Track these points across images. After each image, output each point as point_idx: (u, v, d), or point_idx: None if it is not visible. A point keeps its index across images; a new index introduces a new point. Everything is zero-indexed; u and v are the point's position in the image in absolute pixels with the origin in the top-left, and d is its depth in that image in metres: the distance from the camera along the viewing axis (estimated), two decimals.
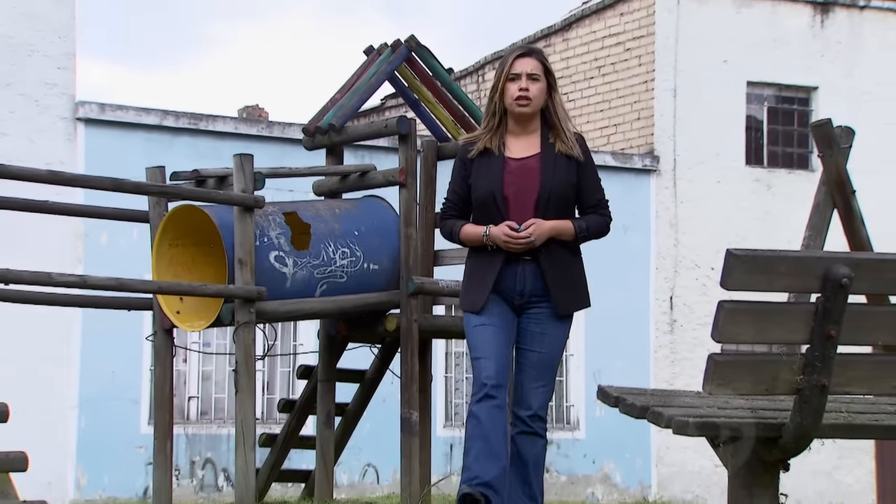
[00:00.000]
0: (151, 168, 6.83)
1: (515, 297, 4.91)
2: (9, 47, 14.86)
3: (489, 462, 4.72)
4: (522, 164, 4.93)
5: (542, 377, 4.92)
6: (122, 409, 15.14)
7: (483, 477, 4.69)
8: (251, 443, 6.42)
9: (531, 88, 4.91)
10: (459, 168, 5.03)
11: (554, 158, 4.94)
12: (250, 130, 16.17)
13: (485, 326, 4.87)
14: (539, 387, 4.91)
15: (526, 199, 4.89)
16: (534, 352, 4.92)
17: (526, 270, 4.90)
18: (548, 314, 4.93)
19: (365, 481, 15.78)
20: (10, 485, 5.41)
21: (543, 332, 4.92)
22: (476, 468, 4.72)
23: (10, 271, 5.95)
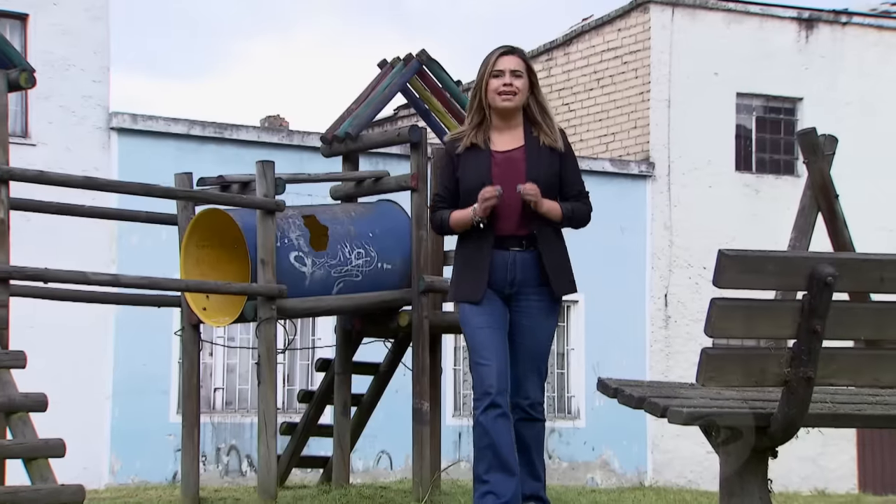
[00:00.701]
0: (179, 174, 6.83)
1: (506, 287, 4.82)
2: (48, 62, 14.89)
3: (504, 478, 4.68)
4: (508, 157, 4.85)
5: (536, 366, 4.86)
6: (153, 399, 15.16)
7: (501, 496, 4.66)
8: (273, 431, 6.42)
9: (514, 83, 4.82)
10: (447, 163, 4.95)
11: (538, 150, 4.86)
12: (272, 139, 16.19)
13: (482, 329, 4.80)
14: (534, 375, 4.86)
15: (514, 188, 4.78)
16: (525, 344, 4.84)
17: (517, 259, 4.82)
18: (538, 307, 4.85)
19: (379, 467, 15.79)
20: (48, 469, 5.41)
21: (534, 326, 4.84)
22: (492, 482, 4.67)
23: (48, 271, 5.95)
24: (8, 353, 5.61)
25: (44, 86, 14.57)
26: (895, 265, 3.31)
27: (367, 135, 7.34)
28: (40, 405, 5.51)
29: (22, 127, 15.11)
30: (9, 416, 5.49)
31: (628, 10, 18.77)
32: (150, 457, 14.91)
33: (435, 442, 6.74)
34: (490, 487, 4.67)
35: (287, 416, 12.29)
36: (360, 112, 7.21)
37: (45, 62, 14.82)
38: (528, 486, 4.80)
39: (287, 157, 14.61)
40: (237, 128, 16.05)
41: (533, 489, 4.82)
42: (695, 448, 17.31)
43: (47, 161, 14.13)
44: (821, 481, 16.37)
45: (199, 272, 6.60)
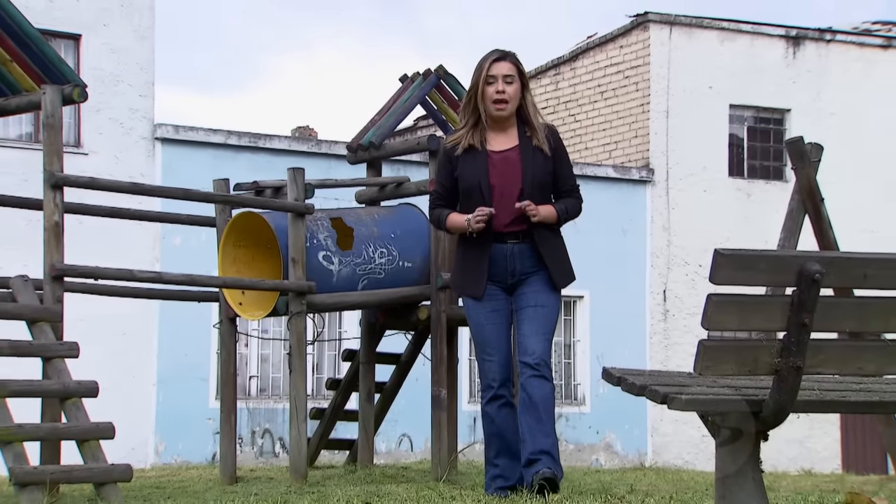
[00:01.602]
0: (218, 180, 6.83)
1: (508, 278, 4.78)
2: (98, 78, 14.95)
3: (511, 462, 4.74)
4: (504, 157, 4.80)
5: (542, 327, 4.74)
6: (194, 386, 15.20)
7: (510, 479, 4.73)
8: (303, 416, 6.42)
9: (507, 91, 4.77)
10: (445, 164, 4.89)
11: (532, 150, 4.80)
12: (302, 147, 16.21)
13: (486, 326, 4.78)
14: (539, 334, 4.72)
15: (511, 187, 4.75)
16: (530, 307, 4.75)
17: (514, 251, 4.77)
18: (539, 280, 4.78)
19: (400, 449, 15.79)
20: (99, 450, 5.43)
21: (537, 292, 4.77)
22: (501, 466, 4.76)
23: (99, 269, 5.97)
24: (62, 343, 5.63)
25: (95, 100, 14.64)
26: (878, 263, 3.30)
27: (389, 144, 7.34)
28: (92, 391, 5.53)
29: (75, 137, 15.17)
30: (63, 401, 5.51)
31: (629, 28, 18.75)
32: (192, 439, 14.95)
33: (452, 426, 6.72)
34: (499, 471, 4.74)
35: (316, 402, 12.31)
36: (383, 123, 7.20)
37: (95, 78, 14.87)
38: (540, 441, 4.60)
39: (316, 164, 14.62)
40: (270, 137, 16.07)
41: (545, 445, 4.61)
42: (691, 432, 17.28)
43: (98, 169, 14.18)
44: (807, 462, 16.31)
45: (236, 270, 6.61)
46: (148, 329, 15.10)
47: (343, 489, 5.51)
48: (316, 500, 4.78)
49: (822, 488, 6.15)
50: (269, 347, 15.65)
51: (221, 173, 7.66)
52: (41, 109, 5.84)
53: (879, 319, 3.37)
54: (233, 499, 4.99)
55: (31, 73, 6.06)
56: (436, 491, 5.19)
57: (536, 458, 4.60)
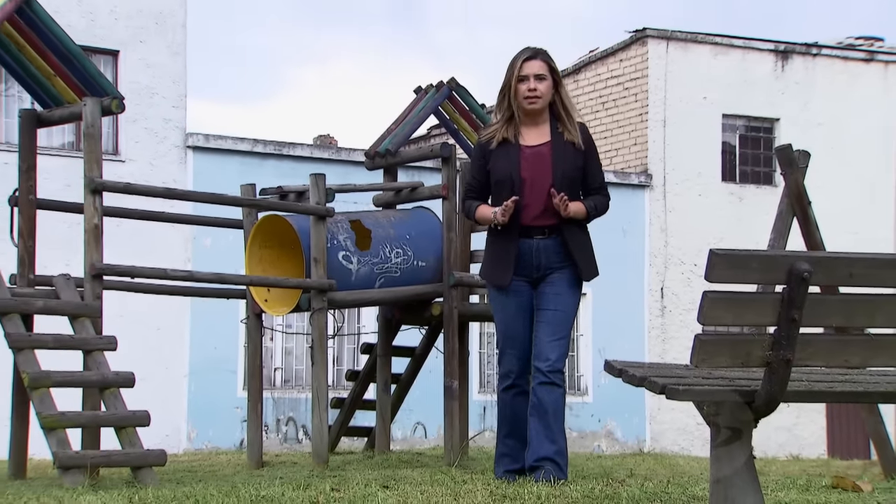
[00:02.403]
0: (245, 185, 6.84)
1: (533, 272, 4.68)
2: (134, 91, 14.99)
3: (519, 445, 4.68)
4: (536, 151, 4.68)
5: (558, 332, 4.66)
6: (223, 377, 15.23)
7: (517, 461, 4.68)
8: (324, 405, 6.42)
9: (539, 87, 4.64)
10: (478, 157, 4.78)
11: (563, 145, 4.68)
12: (323, 154, 16.23)
13: (509, 318, 4.68)
14: (555, 340, 4.65)
15: (542, 181, 4.63)
16: (550, 310, 4.66)
17: (541, 246, 4.66)
18: (562, 279, 4.68)
19: (415, 436, 15.79)
20: (136, 437, 5.44)
21: (558, 294, 4.67)
22: (510, 446, 4.71)
23: (135, 268, 5.98)
24: (101, 338, 5.64)
25: (131, 111, 14.68)
26: (862, 262, 3.29)
27: (404, 151, 7.34)
28: (129, 382, 5.54)
29: (113, 146, 15.22)
30: (102, 391, 5.52)
31: (629, 43, 18.73)
32: (221, 426, 14.97)
33: (463, 414, 6.72)
34: (508, 451, 4.71)
35: (336, 392, 12.31)
36: (399, 131, 7.20)
37: (132, 91, 14.90)
38: (544, 449, 4.59)
39: (336, 170, 14.64)
40: (293, 145, 16.09)
41: (549, 452, 4.59)
42: (687, 420, 17.25)
43: (134, 175, 14.22)
44: (795, 448, 16.26)
45: (262, 269, 6.61)
46: (180, 324, 15.13)
47: (362, 473, 5.51)
48: (337, 483, 4.77)
49: (809, 472, 6.13)
50: (292, 341, 15.66)
51: (248, 179, 7.67)
52: (82, 120, 5.85)
53: (864, 315, 3.36)
54: (259, 482, 4.99)
55: (73, 86, 6.08)
56: (448, 475, 5.19)
57: (539, 465, 4.59)
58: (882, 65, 19.88)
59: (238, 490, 4.46)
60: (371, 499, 4.12)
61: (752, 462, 3.42)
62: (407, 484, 4.70)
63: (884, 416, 5.72)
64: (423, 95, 7.37)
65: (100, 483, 5.21)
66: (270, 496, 4.25)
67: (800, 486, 4.89)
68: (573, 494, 4.21)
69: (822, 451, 17.95)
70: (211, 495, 4.31)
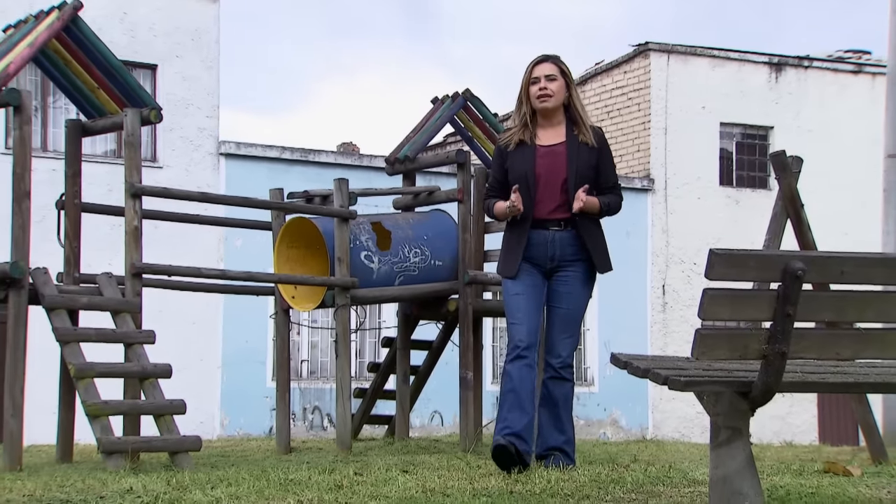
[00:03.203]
0: (273, 189, 6.85)
1: (547, 263, 4.57)
2: (171, 102, 15.04)
3: (519, 414, 4.43)
4: (551, 150, 4.59)
5: (568, 329, 4.57)
6: (253, 368, 15.26)
7: (513, 427, 4.41)
8: (348, 395, 6.42)
9: (549, 87, 4.57)
10: (498, 158, 4.71)
11: (577, 146, 4.59)
12: (346, 161, 16.25)
13: (519, 295, 4.52)
14: (566, 338, 4.55)
15: (556, 178, 4.55)
16: (561, 308, 4.57)
17: (556, 238, 4.56)
18: (574, 276, 4.58)
19: (432, 424, 15.79)
20: (173, 424, 5.45)
21: (570, 292, 4.57)
22: (509, 419, 4.43)
23: (171, 267, 6.00)
24: (141, 332, 5.65)
25: (168, 121, 14.74)
26: (853, 261, 3.27)
27: (422, 157, 7.33)
28: (166, 373, 5.55)
29: (151, 153, 15.27)
30: (142, 381, 5.53)
31: (632, 56, 18.67)
32: (252, 414, 15.01)
33: (477, 404, 6.71)
34: (507, 423, 4.44)
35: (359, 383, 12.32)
36: (417, 139, 7.20)
37: (169, 102, 14.96)
38: (553, 438, 4.57)
39: (358, 175, 14.65)
40: (318, 152, 16.11)
41: (558, 442, 4.57)
42: (687, 409, 17.19)
43: (171, 180, 14.26)
44: (788, 435, 16.19)
45: (289, 268, 6.62)
46: (214, 319, 15.17)
47: (383, 458, 5.51)
48: (360, 468, 4.77)
49: (801, 458, 6.10)
50: (317, 335, 15.69)
51: (276, 184, 7.68)
52: (123, 129, 5.87)
53: (854, 311, 3.33)
54: (288, 466, 4.99)
55: (115, 98, 6.10)
56: (464, 461, 5.18)
57: (549, 454, 4.54)
58: (870, 76, 19.80)
59: (268, 474, 4.47)
60: (392, 482, 4.11)
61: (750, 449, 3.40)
62: (425, 469, 4.70)
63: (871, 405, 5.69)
64: (440, 105, 7.36)
65: (140, 467, 5.22)
66: (298, 479, 4.25)
67: (794, 470, 4.87)
68: (581, 479, 4.20)
69: (814, 438, 17.87)
70: (243, 478, 4.32)
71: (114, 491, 4.02)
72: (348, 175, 9.45)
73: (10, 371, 5.36)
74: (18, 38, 5.77)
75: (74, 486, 4.26)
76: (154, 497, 3.81)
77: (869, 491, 4.13)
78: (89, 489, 4.13)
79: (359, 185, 7.79)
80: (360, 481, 4.19)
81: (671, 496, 3.79)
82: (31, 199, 5.51)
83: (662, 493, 3.86)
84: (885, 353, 3.41)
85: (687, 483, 4.17)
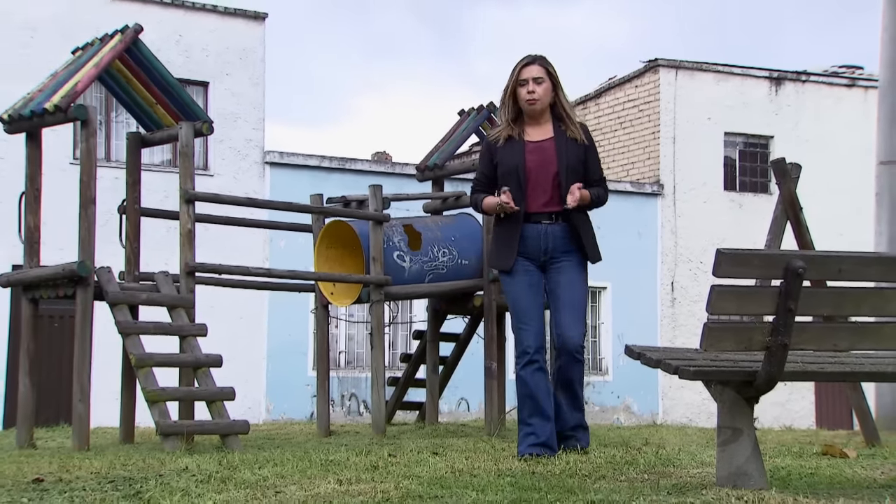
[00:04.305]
0: (314, 195, 6.87)
1: (540, 256, 4.32)
2: (221, 116, 15.12)
3: (541, 420, 4.25)
4: (539, 146, 4.35)
5: (574, 313, 4.30)
6: (295, 359, 15.32)
7: (540, 437, 4.24)
8: (382, 383, 6.43)
9: (537, 90, 4.33)
10: (486, 153, 4.44)
11: (566, 141, 4.35)
12: (380, 168, 16.27)
13: (522, 297, 4.29)
14: (573, 321, 4.29)
15: (547, 172, 4.32)
16: (565, 294, 4.31)
17: (548, 231, 4.31)
18: (569, 265, 4.34)
19: (459, 410, 15.78)
20: (224, 409, 5.48)
21: (570, 280, 4.32)
22: (533, 425, 4.25)
23: (222, 266, 6.03)
24: (194, 325, 5.69)
25: (219, 133, 14.83)
26: (850, 260, 3.23)
27: (449, 165, 7.33)
28: (217, 363, 5.58)
29: (203, 162, 15.37)
30: (195, 370, 5.57)
31: (643, 71, 18.59)
32: (294, 401, 15.06)
33: (500, 391, 6.70)
34: (532, 429, 4.25)
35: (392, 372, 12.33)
36: (445, 148, 7.20)
37: (220, 116, 15.04)
38: (573, 416, 4.41)
39: (391, 182, 14.67)
40: (354, 161, 16.14)
41: (577, 420, 4.44)
42: (694, 396, 17.08)
43: (220, 187, 14.35)
44: (787, 420, 16.05)
45: (328, 267, 6.64)
46: (260, 314, 15.24)
47: (414, 441, 5.50)
48: (393, 450, 4.78)
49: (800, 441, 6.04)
50: (354, 328, 15.73)
51: (316, 189, 7.71)
52: (178, 141, 5.91)
53: (851, 306, 3.30)
54: (328, 448, 5.01)
55: (171, 112, 6.14)
56: (488, 443, 5.17)
57: (573, 433, 4.41)
58: (862, 90, 19.61)
59: (310, 455, 4.48)
60: (423, 464, 4.11)
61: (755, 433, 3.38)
62: (453, 451, 4.69)
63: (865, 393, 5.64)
64: (466, 117, 7.36)
65: (194, 448, 5.25)
66: (337, 460, 4.26)
67: (794, 453, 4.83)
68: (597, 460, 4.18)
69: (811, 422, 17.71)
70: (287, 459, 4.33)
71: (171, 470, 4.05)
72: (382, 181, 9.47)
73: (78, 361, 5.41)
74: (85, 59, 5.83)
75: (136, 464, 4.29)
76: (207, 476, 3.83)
77: (864, 472, 4.08)
78: (149, 468, 4.16)
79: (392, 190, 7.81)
80: (394, 462, 4.19)
81: (681, 476, 3.77)
82: (96, 204, 5.55)
83: (672, 474, 3.84)
84: (879, 344, 3.38)
85: (695, 464, 4.14)
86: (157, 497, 3.34)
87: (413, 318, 15.18)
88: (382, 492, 3.34)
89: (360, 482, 3.59)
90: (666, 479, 3.69)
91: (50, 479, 3.85)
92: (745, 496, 2.97)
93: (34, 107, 5.64)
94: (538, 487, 3.40)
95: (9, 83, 13.21)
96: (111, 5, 14.72)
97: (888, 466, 4.30)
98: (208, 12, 15.49)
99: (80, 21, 14.27)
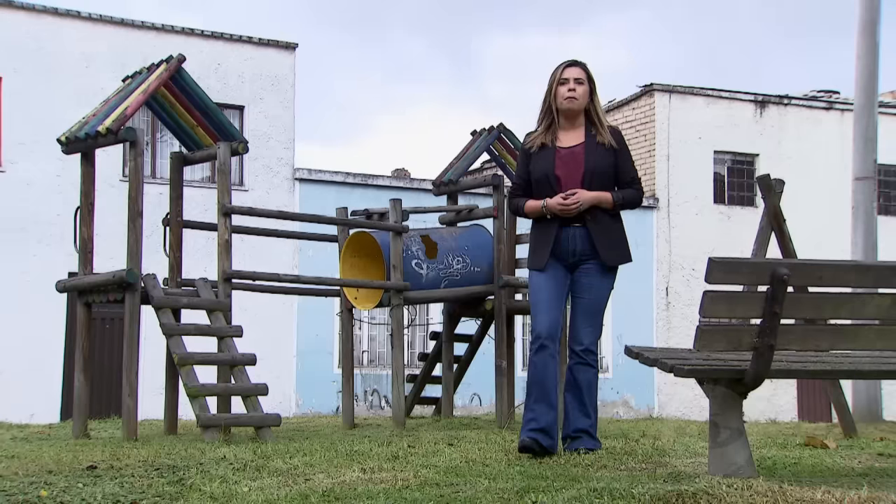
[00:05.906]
0: (339, 208, 6.87)
1: (569, 257, 4.16)
2: (255, 136, 15.19)
3: (545, 407, 4.04)
4: (570, 152, 4.21)
5: (591, 319, 4.14)
6: (322, 358, 15.33)
7: (539, 422, 4.03)
8: (401, 380, 6.42)
9: (577, 90, 4.20)
10: (523, 159, 4.30)
11: (595, 146, 4.19)
12: (399, 184, 16.29)
13: (541, 290, 4.11)
14: (588, 326, 4.13)
15: (575, 177, 4.18)
16: (583, 299, 4.15)
17: (577, 234, 4.17)
18: (594, 269, 4.17)
19: (472, 405, 15.75)
20: (258, 403, 5.48)
21: (591, 284, 4.15)
22: (536, 411, 4.04)
23: (256, 273, 6.04)
24: (231, 327, 5.70)
25: (253, 152, 14.89)
26: (830, 268, 3.22)
27: (463, 180, 7.33)
28: (251, 361, 5.59)
29: (239, 179, 15.43)
30: (232, 368, 5.57)
31: (639, 95, 18.57)
32: (321, 396, 15.08)
33: (510, 388, 6.68)
34: (534, 415, 4.04)
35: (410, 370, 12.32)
36: (459, 165, 7.20)
37: (254, 136, 15.11)
38: (579, 422, 4.18)
39: (410, 196, 14.62)
40: (376, 177, 16.17)
41: (584, 425, 4.18)
42: (687, 391, 16.99)
43: (255, 201, 14.40)
44: (772, 413, 15.94)
45: (352, 274, 6.64)
46: (290, 316, 15.28)
47: (431, 433, 5.50)
48: (412, 441, 4.77)
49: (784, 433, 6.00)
50: (376, 330, 15.74)
51: (341, 203, 7.74)
52: (217, 159, 5.94)
53: (831, 309, 3.29)
54: (352, 440, 5.01)
55: (210, 133, 6.18)
56: (499, 436, 5.15)
57: (577, 435, 4.15)
58: (839, 112, 19.56)
59: (336, 445, 4.48)
60: (439, 454, 4.11)
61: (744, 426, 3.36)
62: (467, 442, 4.68)
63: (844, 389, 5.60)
64: (478, 137, 7.36)
65: (231, 439, 5.26)
66: (361, 450, 4.26)
67: (779, 444, 4.79)
68: (598, 451, 4.16)
69: (794, 416, 17.60)
70: (315, 449, 4.33)
71: (210, 458, 4.06)
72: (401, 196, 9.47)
73: (126, 359, 5.43)
74: (135, 87, 5.87)
75: (179, 453, 4.31)
76: (243, 464, 3.84)
77: (843, 461, 4.05)
78: (191, 456, 4.17)
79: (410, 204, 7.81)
80: (413, 452, 4.18)
81: (676, 466, 3.75)
82: (142, 217, 5.59)
83: (668, 463, 3.82)
84: (857, 345, 3.37)
85: (689, 455, 4.12)
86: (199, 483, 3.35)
87: (430, 321, 15.18)
88: (402, 479, 3.33)
89: (382, 471, 3.59)
90: (662, 468, 3.68)
91: (102, 465, 3.87)
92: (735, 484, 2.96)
93: (88, 129, 5.68)
94: (545, 476, 3.40)
95: (67, 109, 13.32)
96: (158, 38, 14.84)
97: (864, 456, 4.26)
98: (244, 43, 15.58)
99: (130, 52, 14.38)
